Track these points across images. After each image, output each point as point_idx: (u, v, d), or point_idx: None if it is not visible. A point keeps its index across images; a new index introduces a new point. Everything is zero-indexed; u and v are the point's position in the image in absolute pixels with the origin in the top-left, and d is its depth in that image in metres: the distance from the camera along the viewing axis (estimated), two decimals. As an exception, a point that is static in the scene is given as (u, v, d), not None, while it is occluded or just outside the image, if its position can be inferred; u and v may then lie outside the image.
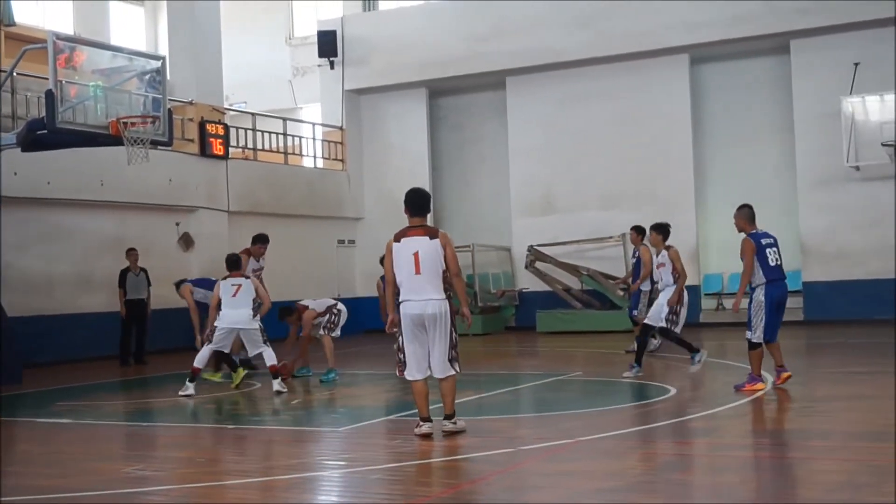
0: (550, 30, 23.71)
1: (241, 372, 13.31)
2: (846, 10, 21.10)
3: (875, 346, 16.13)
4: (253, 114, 24.69)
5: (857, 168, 21.03)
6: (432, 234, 8.65)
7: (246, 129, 23.79)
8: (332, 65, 26.14)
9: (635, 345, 13.42)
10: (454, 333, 8.60)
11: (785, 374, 11.02)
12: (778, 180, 22.68)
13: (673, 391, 11.34)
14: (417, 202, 8.85)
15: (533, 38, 23.80)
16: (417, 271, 8.50)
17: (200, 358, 12.78)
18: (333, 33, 25.93)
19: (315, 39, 26.20)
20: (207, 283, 14.69)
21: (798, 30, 21.73)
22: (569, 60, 23.70)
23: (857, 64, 21.19)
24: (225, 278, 13.05)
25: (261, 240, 15.13)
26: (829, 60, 21.57)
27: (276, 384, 12.48)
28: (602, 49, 23.31)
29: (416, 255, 8.53)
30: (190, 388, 12.49)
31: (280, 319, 14.27)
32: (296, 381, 13.82)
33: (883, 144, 20.37)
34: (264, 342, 12.80)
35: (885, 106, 20.69)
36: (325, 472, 7.72)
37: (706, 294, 23.23)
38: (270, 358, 12.70)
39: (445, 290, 8.59)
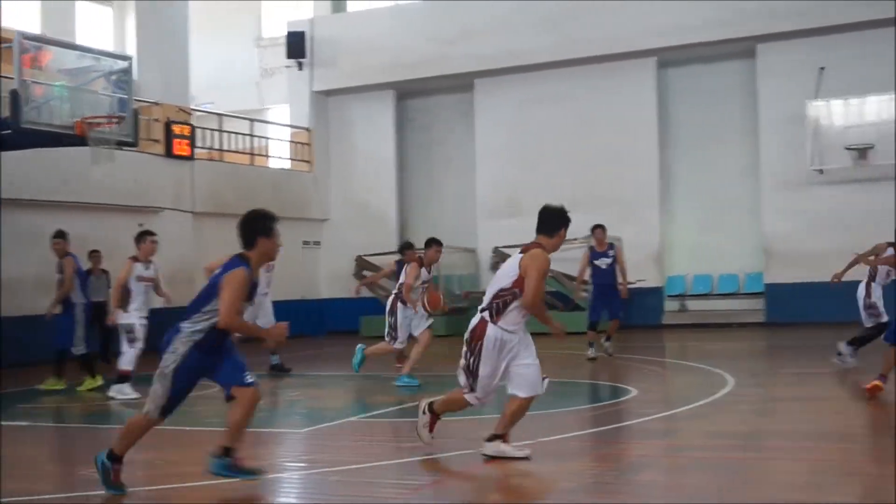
0: (518, 32, 23.77)
1: (94, 381, 13.32)
2: (812, 14, 21.30)
3: (835, 348, 16.26)
4: (219, 114, 24.58)
5: (821, 171, 21.21)
6: (524, 251, 7.74)
7: (212, 130, 23.68)
8: (300, 66, 26.10)
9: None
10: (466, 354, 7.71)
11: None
12: (742, 183, 22.82)
13: (634, 392, 11.38)
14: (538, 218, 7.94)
15: (500, 40, 23.86)
16: None
17: (127, 359, 12.47)
18: (302, 34, 25.88)
19: (284, 41, 26.16)
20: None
21: (764, 34, 21.90)
22: (536, 63, 23.76)
23: (822, 68, 21.39)
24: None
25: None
26: (795, 65, 21.75)
27: (114, 389, 12.25)
28: (569, 52, 23.40)
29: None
30: (130, 391, 12.20)
31: None
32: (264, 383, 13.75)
33: (846, 148, 20.60)
34: (130, 342, 12.45)
35: (849, 110, 20.92)
36: (284, 474, 7.70)
37: (669, 296, 23.30)
38: (128, 363, 12.37)
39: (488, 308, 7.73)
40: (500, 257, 23.31)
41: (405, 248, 13.75)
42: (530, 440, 8.26)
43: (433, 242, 13.07)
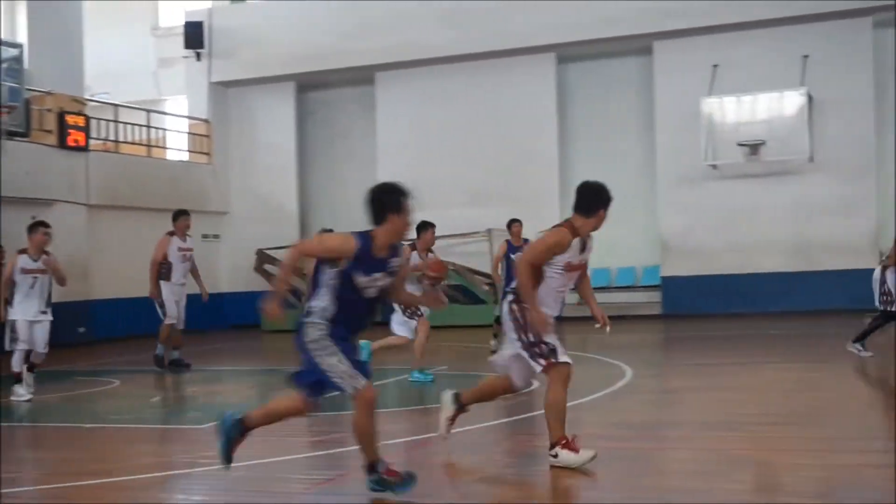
0: (419, 26, 23.79)
1: None
2: (706, 13, 21.77)
3: (729, 339, 16.70)
4: (115, 105, 24.07)
5: (715, 167, 21.73)
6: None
7: (108, 121, 23.19)
8: (198, 56, 25.71)
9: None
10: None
11: None
12: (640, 178, 23.19)
13: (535, 384, 11.49)
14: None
15: (402, 33, 23.84)
16: None
17: (14, 360, 11.87)
18: (200, 24, 25.51)
19: (182, 30, 25.74)
20: None
21: (661, 31, 22.30)
22: (437, 57, 23.81)
23: (715, 66, 21.88)
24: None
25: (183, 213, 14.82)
26: (690, 62, 22.20)
27: (12, 392, 11.73)
28: (470, 46, 23.51)
29: None
30: (23, 392, 11.70)
31: None
32: (162, 378, 13.57)
33: (739, 144, 21.15)
34: (12, 341, 11.80)
35: (742, 107, 21.46)
36: (185, 471, 7.60)
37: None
38: (16, 363, 11.84)
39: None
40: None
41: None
42: (432, 433, 8.30)
43: (427, 225, 12.43)
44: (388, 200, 6.31)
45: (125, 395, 12.07)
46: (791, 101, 21.16)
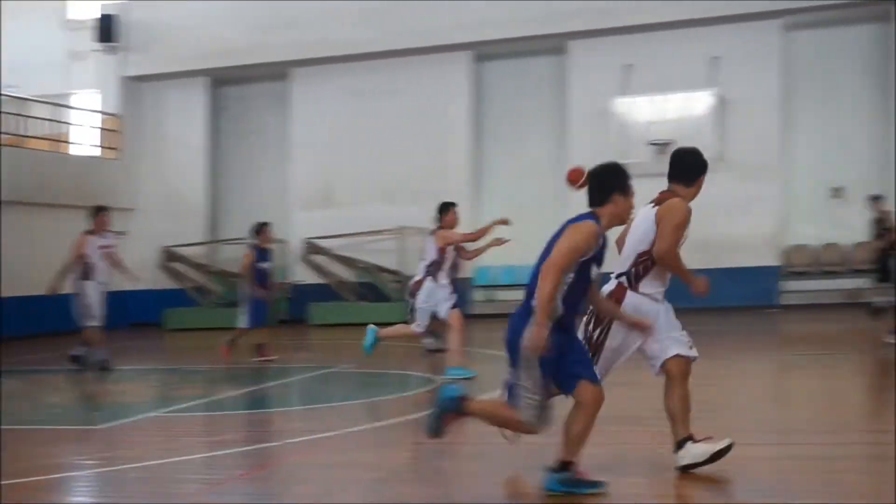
0: (335, 22, 23.64)
1: None
2: (619, 14, 22.01)
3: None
4: (23, 98, 23.54)
5: (626, 166, 21.91)
6: (658, 202, 6.77)
7: (16, 115, 22.67)
8: (111, 50, 25.27)
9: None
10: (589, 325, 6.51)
11: None
12: (552, 175, 23.12)
13: (437, 382, 11.51)
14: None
15: (318, 30, 23.68)
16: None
17: None
18: (113, 18, 25.09)
19: (94, 23, 25.26)
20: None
21: (575, 31, 22.48)
22: (353, 54, 23.69)
23: (627, 66, 22.14)
24: None
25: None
26: (603, 62, 22.39)
27: None
28: (386, 44, 23.46)
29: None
30: None
31: None
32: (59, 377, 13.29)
33: (649, 143, 21.44)
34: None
35: (653, 107, 21.76)
36: (80, 472, 7.46)
37: (478, 286, 23.50)
38: None
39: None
40: (311, 249, 23.25)
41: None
42: (334, 431, 8.26)
43: (449, 206, 12.30)
44: (614, 181, 6.05)
45: (21, 395, 11.80)
46: (701, 102, 21.50)
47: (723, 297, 21.03)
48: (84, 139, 25.26)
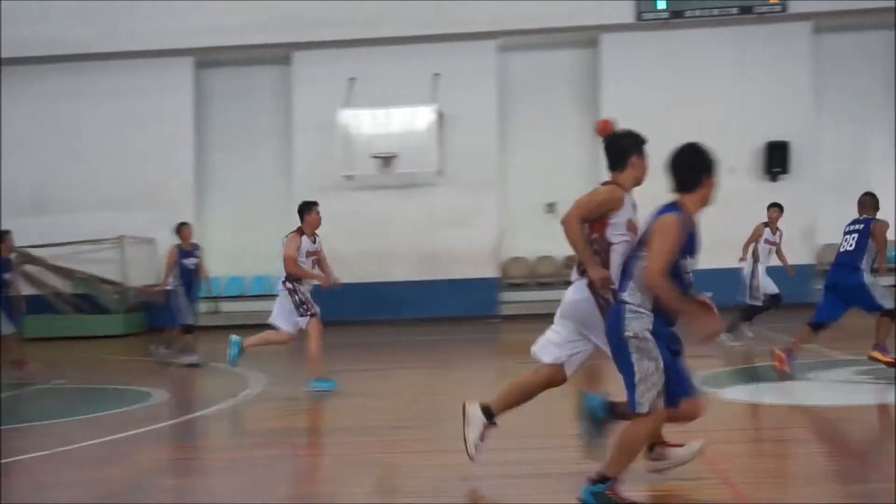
0: (55, 20, 22.49)
1: None
2: (343, 26, 22.21)
3: (369, 345, 17.13)
4: None
5: (350, 177, 22.17)
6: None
7: None
8: None
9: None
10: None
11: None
12: (277, 186, 23.16)
13: (156, 396, 11.17)
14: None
15: (37, 28, 22.39)
16: None
17: None
18: None
19: None
20: None
21: (300, 42, 22.51)
22: (72, 54, 22.65)
23: (352, 79, 22.37)
24: None
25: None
26: (328, 74, 22.55)
27: None
28: (110, 45, 22.64)
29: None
30: None
31: None
32: None
33: (372, 156, 21.77)
34: None
35: (377, 120, 22.11)
36: None
37: (203, 298, 22.96)
38: None
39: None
40: (23, 259, 21.94)
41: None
42: (48, 451, 7.86)
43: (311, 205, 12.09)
44: (699, 164, 5.43)
45: None
46: (422, 117, 22.05)
47: (446, 308, 21.74)
48: None
